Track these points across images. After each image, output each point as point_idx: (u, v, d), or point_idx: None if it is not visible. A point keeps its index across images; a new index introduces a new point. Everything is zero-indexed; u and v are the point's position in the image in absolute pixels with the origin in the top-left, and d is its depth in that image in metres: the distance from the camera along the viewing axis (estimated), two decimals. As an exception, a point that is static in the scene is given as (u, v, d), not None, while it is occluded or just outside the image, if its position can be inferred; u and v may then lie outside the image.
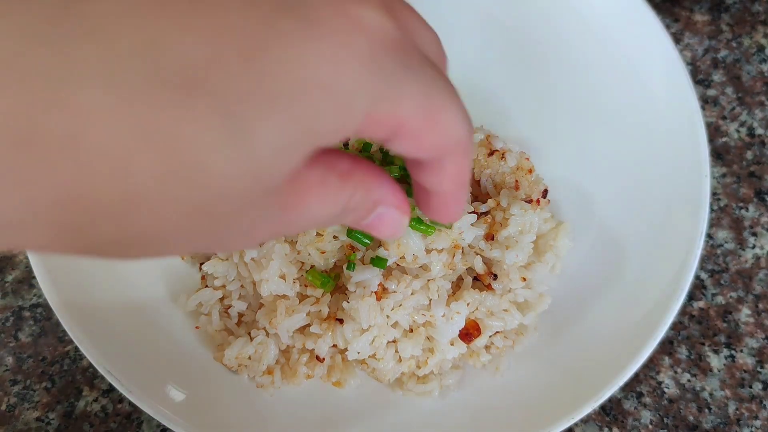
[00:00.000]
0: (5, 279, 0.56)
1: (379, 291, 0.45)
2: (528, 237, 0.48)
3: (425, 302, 0.46)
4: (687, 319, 0.56)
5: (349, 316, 0.45)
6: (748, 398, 0.54)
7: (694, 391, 0.54)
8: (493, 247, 0.48)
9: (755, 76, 0.63)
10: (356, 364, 0.48)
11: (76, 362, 0.53)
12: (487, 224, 0.48)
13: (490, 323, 0.48)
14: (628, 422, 0.53)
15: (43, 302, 0.55)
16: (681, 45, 0.64)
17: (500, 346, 0.49)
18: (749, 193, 0.60)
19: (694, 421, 0.53)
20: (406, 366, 0.47)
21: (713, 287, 0.57)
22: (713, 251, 0.58)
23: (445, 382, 0.48)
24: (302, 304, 0.46)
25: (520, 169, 0.50)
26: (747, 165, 0.61)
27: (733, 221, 0.59)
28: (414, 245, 0.45)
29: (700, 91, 0.63)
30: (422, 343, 0.46)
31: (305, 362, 0.47)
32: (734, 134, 0.62)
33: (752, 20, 0.65)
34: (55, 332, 0.54)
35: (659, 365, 0.55)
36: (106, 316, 0.45)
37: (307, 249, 0.46)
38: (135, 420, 0.52)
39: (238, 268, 0.47)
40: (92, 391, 0.53)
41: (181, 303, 0.48)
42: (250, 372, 0.47)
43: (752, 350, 0.55)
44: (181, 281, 0.49)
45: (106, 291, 0.46)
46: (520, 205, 0.48)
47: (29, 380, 0.53)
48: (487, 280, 0.48)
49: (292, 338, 0.47)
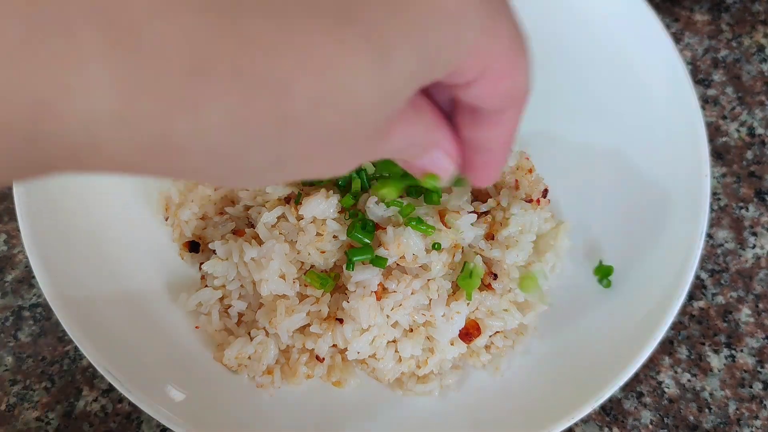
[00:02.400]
0: (5, 279, 0.56)
1: (379, 291, 0.45)
2: (528, 237, 0.48)
3: (425, 302, 0.46)
4: (687, 319, 0.56)
5: (349, 315, 0.45)
6: (749, 398, 0.54)
7: (695, 391, 0.54)
8: (493, 247, 0.48)
9: (755, 75, 0.63)
10: (356, 364, 0.48)
11: (76, 362, 0.53)
12: (487, 224, 0.48)
13: (490, 323, 0.48)
14: (628, 422, 0.53)
15: (43, 302, 0.55)
16: (681, 45, 0.64)
17: (500, 346, 0.49)
18: (749, 192, 0.60)
19: (695, 421, 0.53)
20: (406, 366, 0.47)
21: (713, 287, 0.57)
22: (713, 251, 0.58)
23: (445, 382, 0.48)
24: (302, 304, 0.46)
25: (520, 169, 0.50)
26: (747, 165, 0.61)
27: (733, 221, 0.59)
28: (414, 245, 0.45)
29: (700, 91, 0.63)
30: (422, 343, 0.46)
31: (305, 362, 0.47)
32: (734, 134, 0.62)
33: (752, 20, 0.65)
34: (54, 332, 0.54)
35: (659, 365, 0.55)
36: (105, 316, 0.45)
37: (307, 249, 0.46)
38: (135, 420, 0.52)
39: (238, 268, 0.47)
40: (92, 391, 0.53)
41: (181, 303, 0.48)
42: (250, 372, 0.47)
43: (752, 350, 0.55)
44: (181, 281, 0.49)
45: (105, 291, 0.46)
46: (520, 205, 0.48)
47: (29, 380, 0.53)
48: (487, 279, 0.48)
49: (292, 338, 0.46)
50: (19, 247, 0.57)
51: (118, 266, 0.47)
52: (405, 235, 0.45)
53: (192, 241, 0.50)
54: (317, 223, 0.46)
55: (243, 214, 0.50)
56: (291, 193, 0.47)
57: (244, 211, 0.50)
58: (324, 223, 0.46)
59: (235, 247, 0.46)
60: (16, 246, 0.57)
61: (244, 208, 0.50)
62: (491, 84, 0.25)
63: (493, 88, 0.25)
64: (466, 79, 0.24)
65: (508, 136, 0.29)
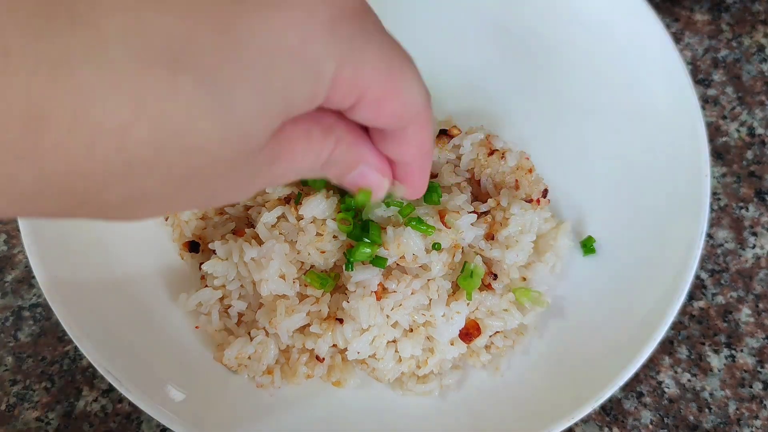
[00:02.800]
0: (5, 279, 0.56)
1: (379, 291, 0.45)
2: (528, 237, 0.48)
3: (425, 302, 0.46)
4: (687, 319, 0.56)
5: (349, 315, 0.45)
6: (749, 398, 0.54)
7: (695, 391, 0.54)
8: (493, 247, 0.48)
9: (755, 75, 0.63)
10: (356, 364, 0.48)
11: (76, 362, 0.53)
12: (487, 224, 0.48)
13: (490, 323, 0.48)
14: (628, 422, 0.53)
15: (43, 302, 0.55)
16: (681, 45, 0.64)
17: (500, 346, 0.49)
18: (749, 192, 0.60)
19: (695, 421, 0.53)
20: (406, 366, 0.47)
21: (713, 287, 0.57)
22: (713, 251, 0.58)
23: (445, 382, 0.48)
24: (302, 304, 0.46)
25: (520, 169, 0.50)
26: (747, 165, 0.61)
27: (733, 221, 0.59)
28: (414, 245, 0.45)
29: (700, 91, 0.63)
30: (422, 343, 0.46)
31: (305, 362, 0.47)
32: (734, 134, 0.62)
33: (752, 20, 0.65)
34: (54, 332, 0.54)
35: (659, 365, 0.55)
36: (105, 316, 0.45)
37: (307, 249, 0.46)
38: (135, 420, 0.52)
39: (238, 268, 0.47)
40: (92, 391, 0.53)
41: (181, 302, 0.48)
42: (250, 372, 0.47)
43: (752, 350, 0.55)
44: (180, 281, 0.49)
45: (105, 290, 0.46)
46: (520, 205, 0.48)
47: (29, 380, 0.53)
48: (487, 279, 0.48)
49: (292, 338, 0.46)
50: (19, 247, 0.57)
51: (118, 266, 0.47)
52: (405, 235, 0.45)
53: (192, 241, 0.50)
54: (317, 223, 0.46)
55: (243, 214, 0.50)
56: (291, 193, 0.47)
57: (244, 211, 0.50)
58: (324, 223, 0.46)
59: (235, 247, 0.46)
60: (16, 246, 0.57)
61: (244, 208, 0.50)
62: (372, 108, 0.25)
63: (377, 112, 0.25)
64: (343, 106, 0.25)
65: (418, 150, 0.29)
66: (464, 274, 0.47)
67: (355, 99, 0.24)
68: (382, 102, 0.25)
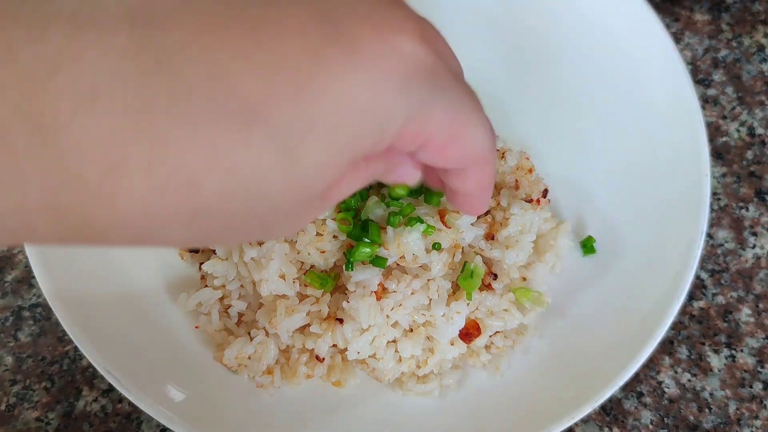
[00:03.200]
0: (5, 279, 0.56)
1: (379, 291, 0.45)
2: (528, 237, 0.48)
3: (425, 302, 0.46)
4: (687, 319, 0.56)
5: (349, 315, 0.45)
6: (749, 398, 0.54)
7: (695, 391, 0.54)
8: (493, 247, 0.48)
9: (755, 75, 0.63)
10: (356, 364, 0.48)
11: (76, 362, 0.53)
12: (487, 224, 0.48)
13: (490, 323, 0.48)
14: (628, 422, 0.53)
15: (43, 302, 0.55)
16: (681, 45, 0.64)
17: (500, 346, 0.49)
18: (749, 192, 0.60)
19: (695, 421, 0.53)
20: (406, 366, 0.47)
21: (713, 287, 0.57)
22: (713, 251, 0.58)
23: (445, 382, 0.48)
24: (302, 304, 0.46)
25: (520, 169, 0.50)
26: (747, 165, 0.61)
27: (734, 221, 0.59)
28: (414, 245, 0.45)
29: (700, 91, 0.63)
30: (422, 343, 0.46)
31: (305, 362, 0.47)
32: (734, 134, 0.62)
33: (752, 20, 0.65)
34: (54, 332, 0.54)
35: (659, 365, 0.55)
36: (105, 316, 0.45)
37: (307, 249, 0.46)
38: (135, 420, 0.52)
39: (238, 268, 0.47)
40: (92, 391, 0.53)
41: (181, 303, 0.48)
42: (250, 372, 0.47)
43: (752, 350, 0.55)
44: (181, 281, 0.49)
45: (105, 290, 0.46)
46: (520, 205, 0.48)
47: (29, 380, 0.53)
48: (487, 279, 0.48)
49: (292, 338, 0.46)
50: (19, 247, 0.57)
51: (118, 266, 0.47)
52: (405, 235, 0.45)
53: (192, 241, 0.50)
54: (317, 222, 0.46)
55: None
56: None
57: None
58: (324, 222, 0.46)
59: (235, 247, 0.46)
60: (16, 246, 0.57)
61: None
62: (436, 153, 0.26)
63: (440, 156, 0.27)
64: (408, 150, 0.26)
65: (479, 184, 0.30)
66: (464, 274, 0.47)
67: (418, 146, 0.26)
68: (444, 149, 0.26)
